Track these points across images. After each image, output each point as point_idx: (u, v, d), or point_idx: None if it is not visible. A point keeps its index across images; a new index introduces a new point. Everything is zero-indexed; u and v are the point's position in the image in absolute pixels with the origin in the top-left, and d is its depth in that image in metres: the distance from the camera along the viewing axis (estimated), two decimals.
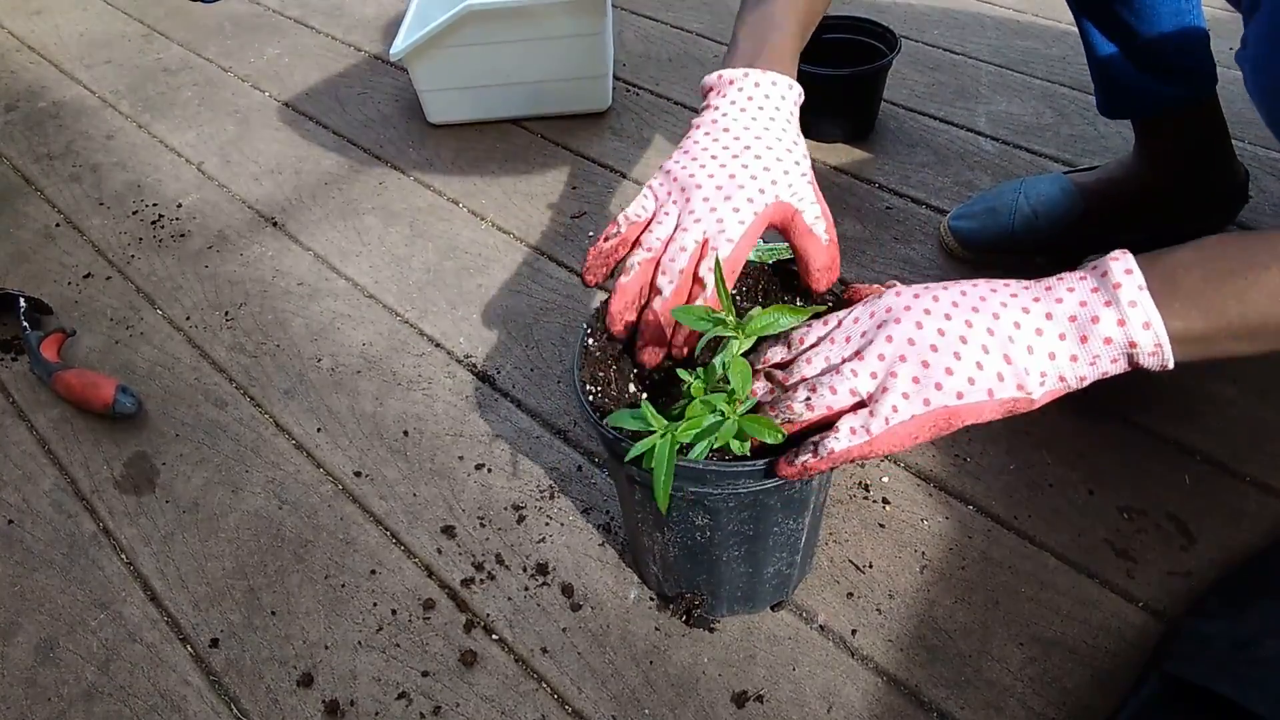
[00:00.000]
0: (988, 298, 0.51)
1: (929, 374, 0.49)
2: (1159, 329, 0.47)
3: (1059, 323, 0.49)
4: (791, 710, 0.67)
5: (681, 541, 0.64)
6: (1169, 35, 0.83)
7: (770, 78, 0.64)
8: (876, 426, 0.49)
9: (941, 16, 1.48)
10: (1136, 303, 0.48)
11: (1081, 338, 0.49)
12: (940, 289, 0.53)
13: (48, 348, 1.00)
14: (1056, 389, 0.50)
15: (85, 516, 0.86)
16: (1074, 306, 0.49)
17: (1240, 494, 0.77)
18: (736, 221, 0.59)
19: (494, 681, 0.71)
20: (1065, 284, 0.51)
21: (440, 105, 1.31)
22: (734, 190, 0.60)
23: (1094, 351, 0.49)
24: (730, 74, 0.65)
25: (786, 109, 0.64)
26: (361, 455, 0.88)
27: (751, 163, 0.61)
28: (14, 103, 1.51)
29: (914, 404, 0.49)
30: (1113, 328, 0.48)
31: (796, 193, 0.61)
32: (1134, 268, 0.49)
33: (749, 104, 0.64)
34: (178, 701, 0.72)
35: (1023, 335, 0.49)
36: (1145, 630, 0.69)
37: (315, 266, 1.12)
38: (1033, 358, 0.49)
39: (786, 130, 0.63)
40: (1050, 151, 1.16)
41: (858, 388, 0.50)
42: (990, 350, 0.49)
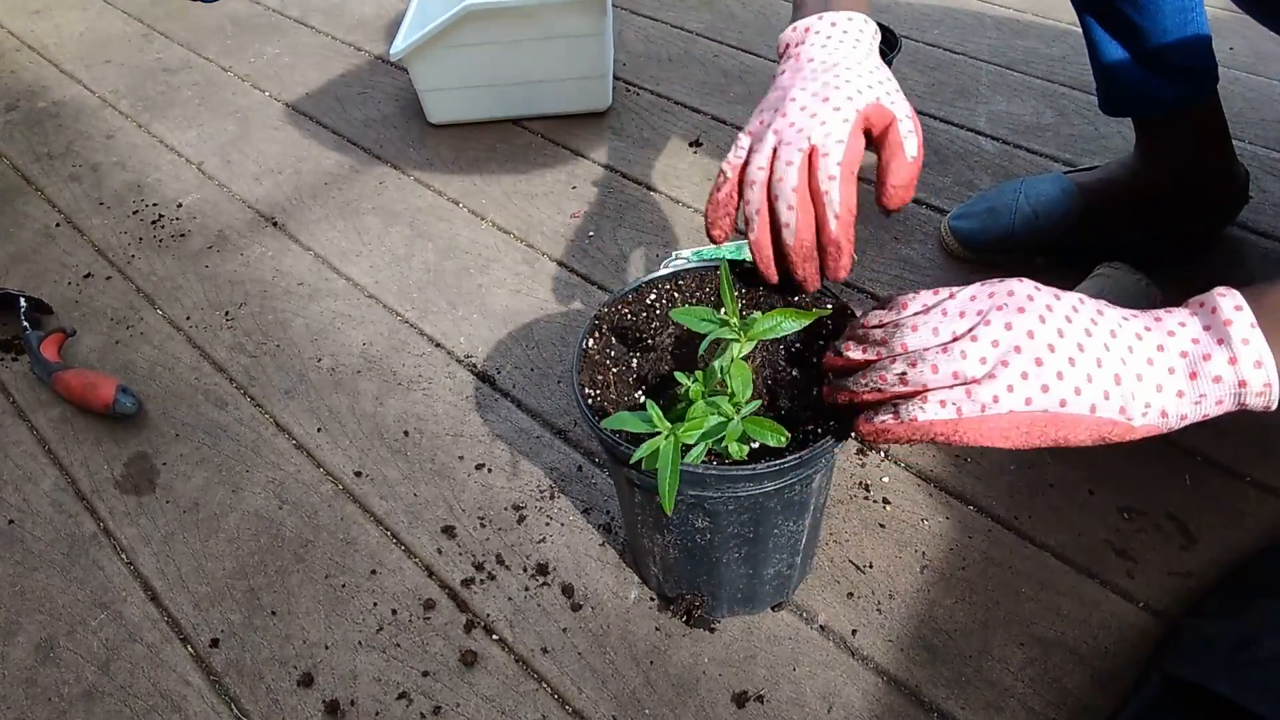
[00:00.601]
0: (1105, 312, 0.49)
1: (1040, 372, 0.46)
2: (1270, 369, 0.46)
3: (1170, 355, 0.47)
4: (792, 710, 0.67)
5: (682, 543, 0.64)
6: (1173, 33, 0.83)
7: (846, 15, 0.63)
8: (969, 409, 0.46)
9: (941, 16, 1.48)
10: (1249, 340, 0.46)
11: (1191, 374, 0.47)
12: (1053, 296, 0.50)
13: (48, 348, 1.00)
14: (1156, 425, 0.48)
15: (85, 516, 0.86)
16: (1185, 343, 0.47)
17: (1240, 494, 0.77)
18: (840, 120, 0.56)
19: (494, 681, 0.71)
20: (1176, 318, 0.49)
21: (440, 105, 1.31)
22: (831, 93, 0.57)
23: (1201, 390, 0.47)
24: (807, 21, 0.64)
25: (866, 43, 0.63)
26: (362, 455, 0.88)
27: (845, 73, 0.59)
28: (14, 102, 1.51)
29: (1016, 398, 0.46)
30: (1224, 366, 0.46)
31: (894, 101, 0.59)
32: (1243, 304, 0.47)
33: (829, 41, 0.62)
34: (178, 701, 0.72)
35: (1134, 360, 0.47)
36: (1145, 630, 0.69)
37: (315, 266, 1.12)
38: (1141, 385, 0.47)
39: (870, 57, 0.62)
40: (1050, 151, 1.16)
41: (963, 370, 0.47)
42: (1104, 364, 0.47)
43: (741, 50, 1.45)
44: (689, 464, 0.54)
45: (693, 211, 1.13)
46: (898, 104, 0.59)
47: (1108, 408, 0.47)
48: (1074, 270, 0.91)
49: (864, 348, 0.52)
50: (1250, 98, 1.21)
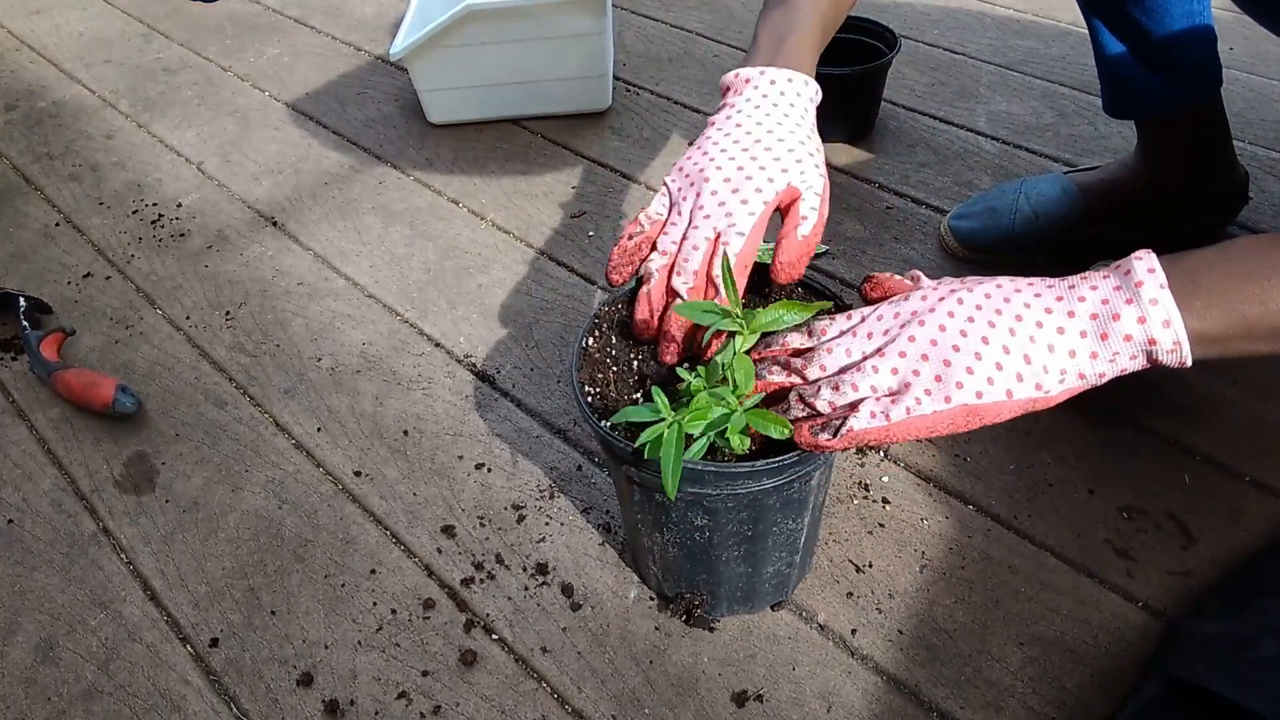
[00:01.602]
0: (1012, 298, 0.52)
1: (950, 373, 0.50)
2: (1178, 327, 0.48)
3: (1080, 320, 0.50)
4: (791, 710, 0.67)
5: (681, 542, 0.64)
6: (1179, 36, 0.83)
7: (786, 75, 0.64)
8: (896, 414, 0.50)
9: (942, 16, 1.48)
10: (1158, 300, 0.48)
11: (1102, 335, 0.49)
12: (965, 290, 0.53)
13: (48, 347, 1.00)
14: (1075, 386, 0.51)
15: (85, 516, 0.86)
16: (1096, 304, 0.50)
17: (1240, 494, 0.77)
18: (746, 214, 0.59)
19: (494, 681, 0.71)
20: (1089, 282, 0.51)
21: (440, 105, 1.31)
22: (742, 182, 0.60)
23: (1114, 349, 0.49)
24: (747, 72, 0.65)
25: (802, 105, 0.65)
26: (361, 455, 0.88)
27: (761, 154, 0.61)
28: (14, 102, 1.51)
29: (935, 400, 0.50)
30: (1133, 325, 0.48)
31: (806, 180, 0.61)
32: (1156, 266, 0.49)
33: (764, 101, 0.64)
34: (178, 701, 0.72)
35: (1044, 334, 0.50)
36: (1145, 630, 0.69)
37: (315, 266, 1.12)
38: (1053, 356, 0.50)
39: (800, 125, 0.63)
40: (1050, 151, 1.16)
41: (878, 384, 0.51)
42: (1011, 350, 0.50)
43: (741, 50, 1.45)
44: (689, 459, 0.54)
45: None
46: (810, 181, 0.61)
47: (1023, 388, 0.50)
48: (1073, 270, 0.91)
49: (788, 372, 0.55)
50: (1250, 98, 1.21)
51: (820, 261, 1.04)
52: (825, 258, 1.04)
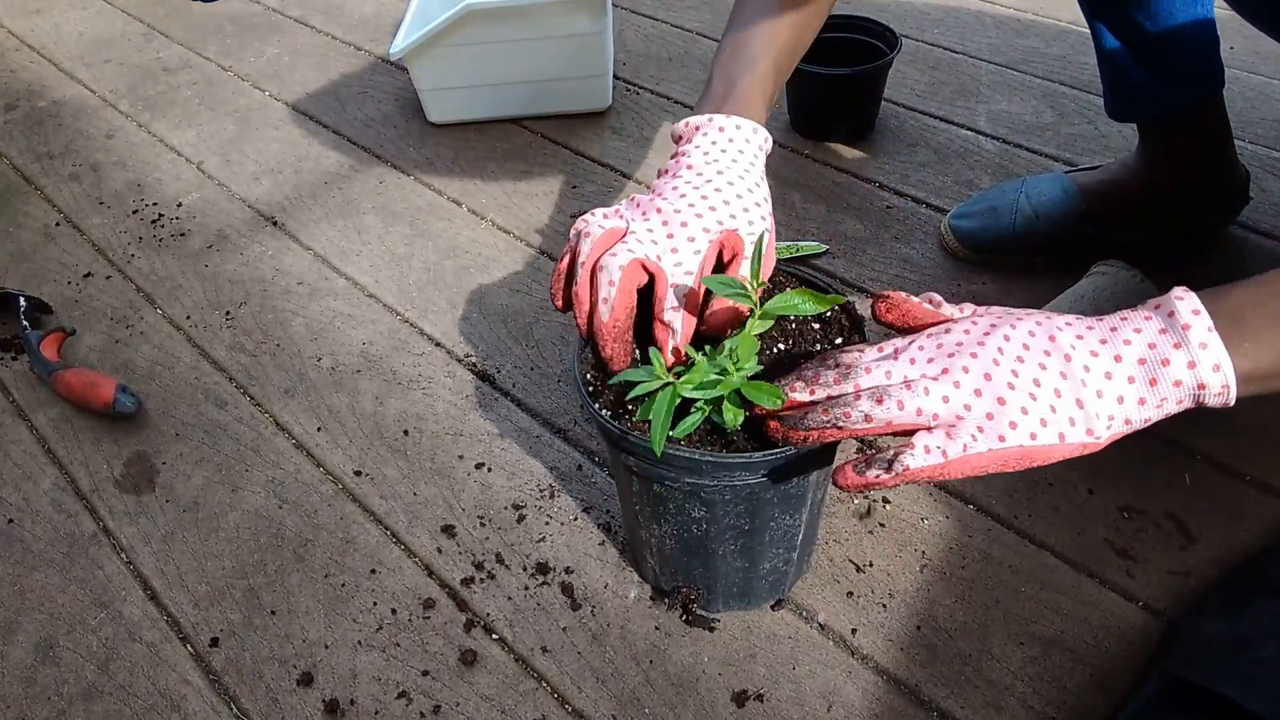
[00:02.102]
0: (1057, 337, 0.50)
1: (1003, 412, 0.48)
2: (1228, 371, 0.47)
3: (1128, 365, 0.48)
4: (791, 709, 0.67)
5: (678, 534, 0.65)
6: (1183, 39, 0.83)
7: (734, 122, 0.65)
8: (954, 450, 0.48)
9: (942, 16, 1.48)
10: (1207, 344, 0.47)
11: (1150, 380, 0.48)
12: (1009, 326, 0.51)
13: (48, 347, 1.00)
14: (1120, 431, 0.50)
15: (85, 516, 0.86)
16: (1143, 349, 0.48)
17: (1240, 494, 0.77)
18: (692, 252, 0.59)
19: (494, 681, 0.71)
20: (1131, 324, 0.49)
21: (440, 105, 1.31)
22: (691, 219, 0.60)
23: (1162, 394, 0.48)
24: (696, 120, 0.66)
25: (750, 153, 0.65)
26: (361, 455, 0.88)
27: (712, 195, 0.62)
28: (14, 102, 1.51)
29: (989, 438, 0.48)
30: (1183, 370, 0.47)
31: (752, 230, 0.61)
32: (1201, 308, 0.48)
33: (712, 148, 0.64)
34: (177, 701, 0.72)
35: (1093, 379, 0.49)
36: (1145, 630, 0.69)
37: (315, 266, 1.12)
38: (1102, 402, 0.48)
39: (749, 173, 0.64)
40: (1051, 151, 1.16)
41: (926, 407, 0.48)
42: (1063, 394, 0.49)
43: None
44: (686, 448, 0.54)
45: None
46: (755, 231, 0.61)
47: (1075, 433, 0.49)
48: (1073, 270, 0.91)
49: (811, 389, 0.52)
50: (1250, 97, 1.21)
51: (820, 261, 1.04)
52: (825, 257, 1.04)
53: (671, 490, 0.60)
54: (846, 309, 0.64)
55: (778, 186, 1.15)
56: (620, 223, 0.61)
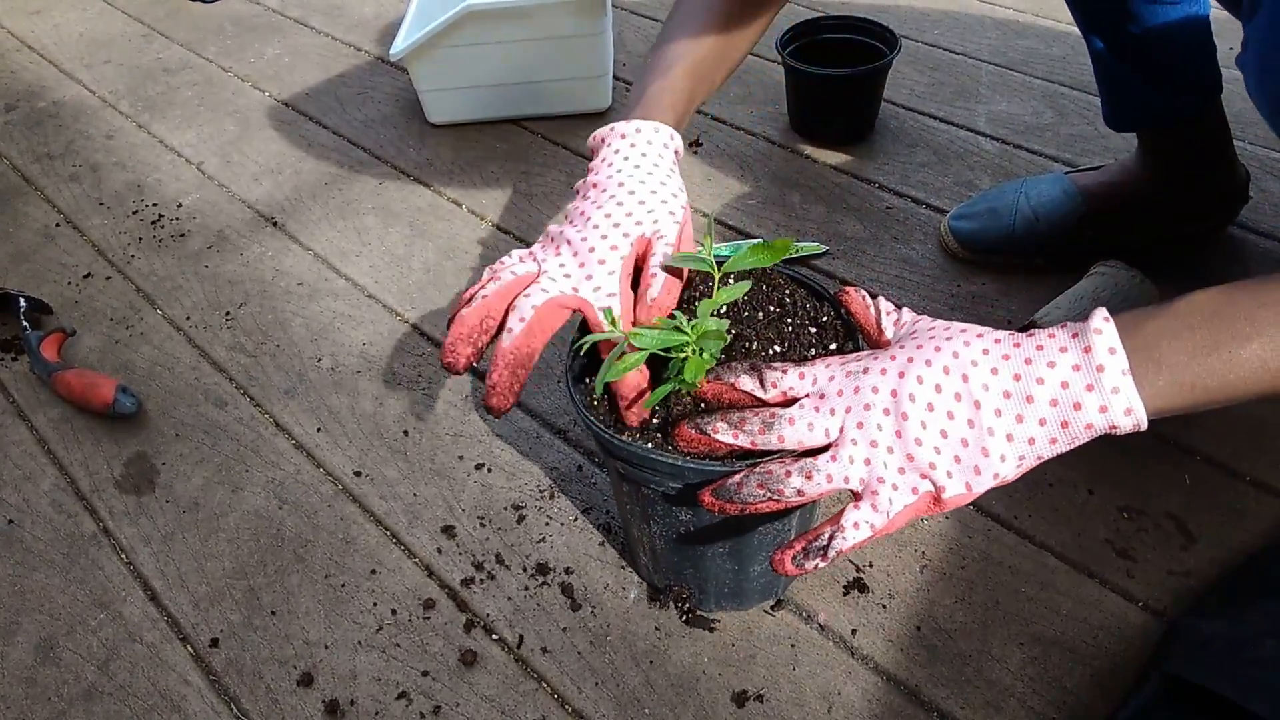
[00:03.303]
0: (970, 377, 0.50)
1: (914, 465, 0.50)
2: (1140, 414, 0.47)
3: (1039, 407, 0.49)
4: (791, 710, 0.67)
5: (667, 535, 0.65)
6: (1177, 49, 0.83)
7: (635, 125, 0.66)
8: (879, 521, 0.49)
9: (941, 16, 1.48)
10: (1120, 389, 0.47)
11: (1062, 423, 0.48)
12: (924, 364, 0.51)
13: (48, 348, 1.00)
14: (1031, 466, 0.50)
15: (85, 516, 0.86)
16: (1055, 389, 0.48)
17: (1240, 494, 0.77)
18: (606, 273, 0.60)
19: (494, 681, 0.71)
20: (1046, 357, 0.49)
21: (440, 105, 1.31)
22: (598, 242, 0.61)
23: (1073, 435, 0.49)
24: (602, 132, 0.68)
25: (655, 152, 0.66)
26: (361, 455, 0.88)
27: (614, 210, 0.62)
28: (14, 103, 1.51)
29: (904, 494, 0.50)
30: (1095, 415, 0.48)
31: (659, 229, 0.62)
32: (1117, 346, 0.48)
33: (615, 156, 0.65)
34: (178, 701, 0.72)
35: (1002, 424, 0.49)
36: (1145, 630, 0.69)
37: (315, 266, 1.12)
38: (1011, 445, 0.49)
39: (655, 171, 0.65)
40: (1050, 151, 1.16)
41: (852, 475, 0.50)
42: (969, 444, 0.50)
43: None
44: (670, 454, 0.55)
45: (692, 211, 1.14)
46: (663, 229, 0.62)
47: (981, 481, 0.50)
48: (1073, 270, 0.91)
49: (735, 433, 0.53)
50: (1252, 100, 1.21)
51: (820, 262, 1.04)
52: (826, 258, 1.04)
53: (658, 493, 0.60)
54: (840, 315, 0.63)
55: (778, 186, 1.15)
56: (533, 266, 0.62)
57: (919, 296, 0.98)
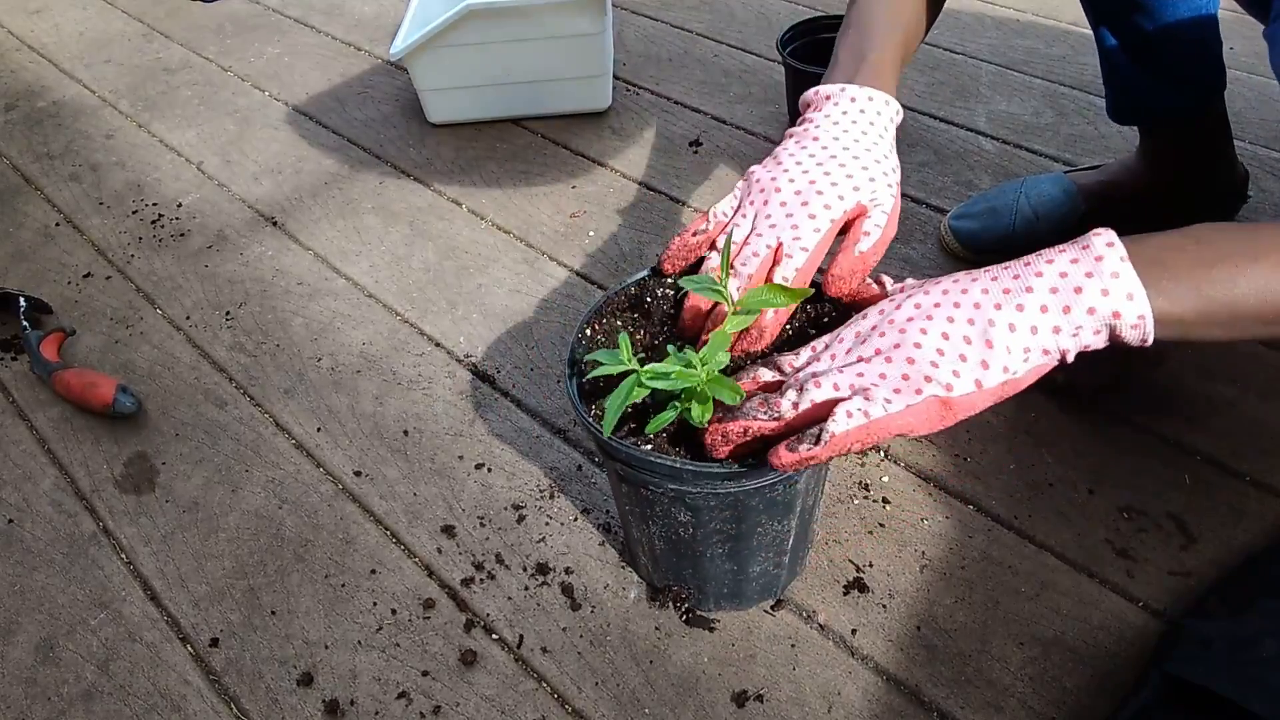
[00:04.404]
0: (969, 288, 0.51)
1: (915, 369, 0.49)
2: (1142, 301, 0.47)
3: (1039, 295, 0.49)
4: (792, 710, 0.67)
5: (666, 536, 0.65)
6: (1186, 43, 0.83)
7: (867, 93, 0.64)
8: (874, 411, 0.48)
9: (942, 16, 1.48)
10: (1119, 274, 0.48)
11: (1064, 308, 0.49)
12: (922, 293, 0.53)
13: (48, 347, 1.00)
14: (1041, 363, 0.50)
15: (85, 516, 0.86)
16: (1054, 278, 0.49)
17: (1240, 494, 0.77)
18: (811, 229, 0.59)
19: (494, 681, 0.71)
20: (1044, 257, 0.50)
21: (440, 105, 1.31)
22: (812, 196, 0.60)
23: (1076, 322, 0.48)
24: (827, 89, 0.65)
25: (881, 124, 0.64)
26: (361, 455, 0.88)
27: (835, 170, 0.61)
28: (14, 102, 1.51)
29: (907, 395, 0.49)
30: (1096, 297, 0.48)
31: (876, 198, 0.61)
32: (1115, 241, 0.49)
33: (843, 118, 0.64)
34: (178, 701, 0.72)
35: (1003, 315, 0.49)
36: (1145, 630, 0.69)
37: (315, 266, 1.12)
38: (1014, 335, 0.49)
39: (879, 144, 0.63)
40: (1050, 151, 1.16)
41: (841, 383, 0.50)
42: (973, 340, 0.49)
43: (741, 50, 1.45)
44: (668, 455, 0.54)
45: (693, 211, 1.13)
46: (880, 199, 0.61)
47: (990, 376, 0.49)
48: None
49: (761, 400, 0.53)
50: (1250, 98, 1.21)
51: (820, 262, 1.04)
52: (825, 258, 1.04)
53: (657, 495, 0.60)
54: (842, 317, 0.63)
55: None
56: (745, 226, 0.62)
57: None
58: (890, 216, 0.61)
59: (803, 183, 0.61)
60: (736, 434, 0.51)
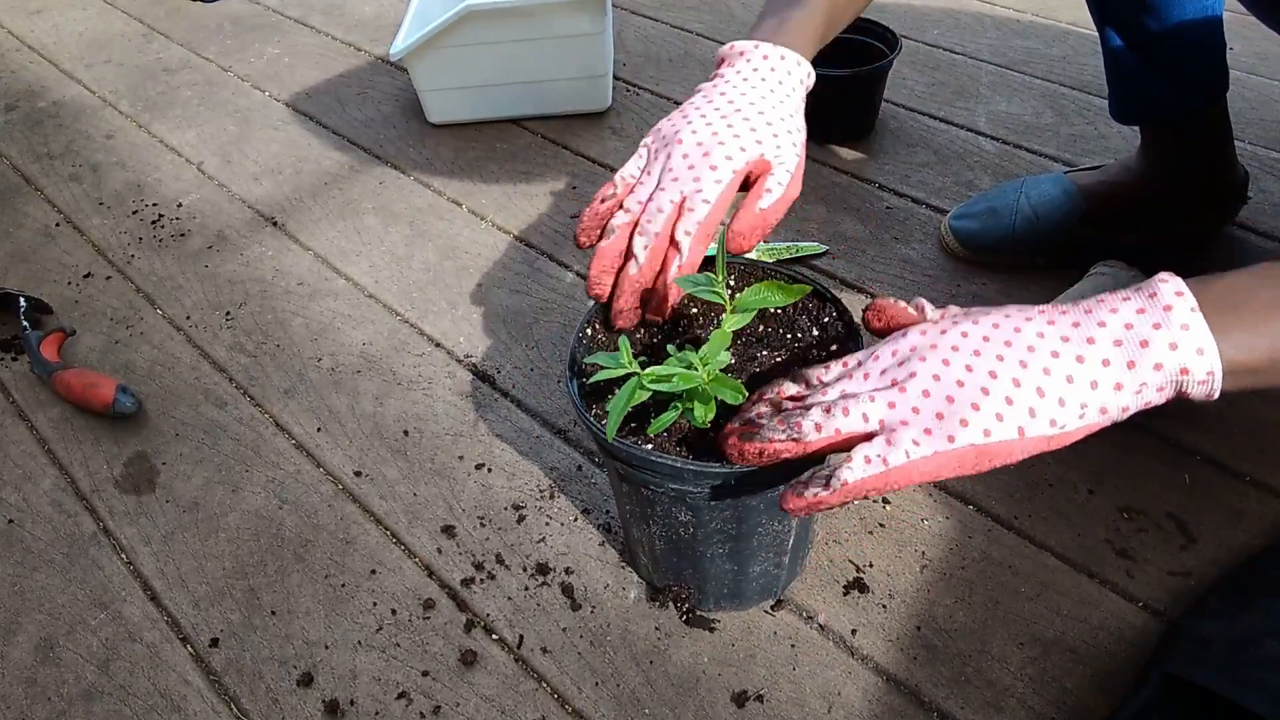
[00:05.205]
0: (1023, 327, 0.47)
1: (954, 409, 0.45)
2: (1213, 356, 0.43)
3: (1102, 347, 0.45)
4: (791, 710, 0.67)
5: (666, 536, 0.65)
6: (1190, 43, 0.83)
7: (780, 52, 0.64)
8: (895, 458, 0.45)
9: (942, 16, 1.48)
10: (1190, 325, 0.44)
11: (1129, 363, 0.44)
12: (971, 322, 0.49)
13: (48, 347, 1.00)
14: (1096, 422, 0.46)
15: (85, 516, 0.86)
16: (1119, 329, 0.45)
17: (1240, 494, 0.77)
18: (713, 181, 0.58)
19: (494, 681, 0.71)
20: (1107, 305, 0.46)
21: (440, 105, 1.31)
22: (714, 147, 0.59)
23: (1141, 378, 0.44)
24: (741, 45, 0.65)
25: (791, 84, 0.63)
26: (361, 455, 0.88)
27: (739, 124, 0.60)
28: (14, 102, 1.51)
29: (937, 440, 0.45)
30: (1164, 352, 0.44)
31: (780, 155, 0.60)
32: (1185, 290, 0.45)
33: (753, 74, 0.63)
34: (178, 701, 0.72)
35: (1061, 364, 0.45)
36: (1145, 630, 0.69)
37: (315, 266, 1.12)
38: (1071, 387, 0.45)
39: (785, 103, 0.62)
40: (1050, 151, 1.16)
41: (871, 413, 0.47)
42: (1023, 383, 0.45)
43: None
44: (670, 455, 0.55)
45: None
46: (784, 157, 0.60)
47: (1036, 425, 0.45)
48: (1073, 270, 0.91)
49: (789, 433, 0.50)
50: (1250, 98, 1.21)
51: (820, 261, 1.04)
52: (825, 258, 1.04)
53: (658, 494, 0.60)
54: (843, 316, 0.63)
55: None
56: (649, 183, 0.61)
57: (919, 296, 0.98)
58: (794, 176, 0.60)
59: (705, 134, 0.60)
60: (753, 455, 0.49)
